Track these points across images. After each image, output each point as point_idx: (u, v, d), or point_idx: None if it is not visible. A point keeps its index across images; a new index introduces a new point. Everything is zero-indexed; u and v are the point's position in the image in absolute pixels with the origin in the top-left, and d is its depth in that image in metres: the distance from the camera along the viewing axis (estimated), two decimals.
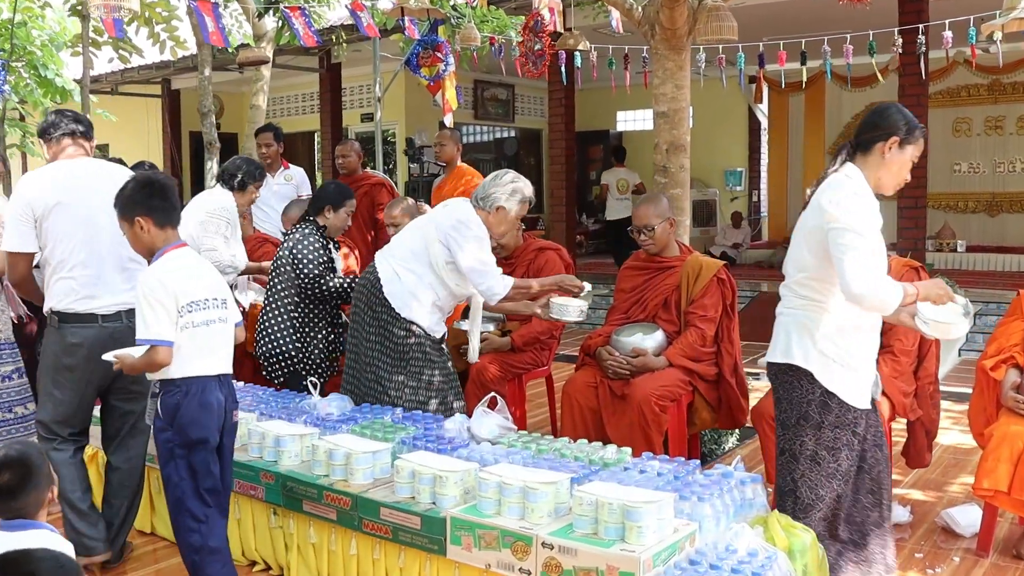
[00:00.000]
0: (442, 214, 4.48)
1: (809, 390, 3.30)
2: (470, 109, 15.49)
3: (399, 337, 4.41)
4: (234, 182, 5.48)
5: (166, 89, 16.38)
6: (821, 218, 3.17)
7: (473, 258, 4.32)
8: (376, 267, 4.52)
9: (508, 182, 4.49)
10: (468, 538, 3.12)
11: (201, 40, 8.70)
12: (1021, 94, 12.86)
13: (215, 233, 5.31)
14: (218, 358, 3.37)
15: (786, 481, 3.40)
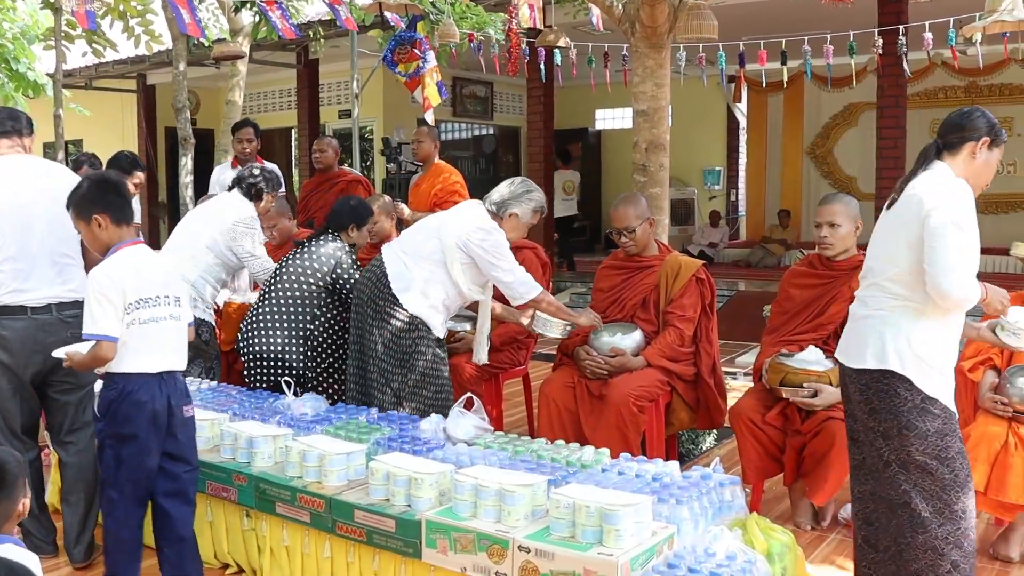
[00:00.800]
0: (460, 219, 4.45)
1: (908, 397, 3.08)
2: (448, 106, 15.43)
3: (403, 332, 4.38)
4: (252, 191, 5.37)
5: (141, 84, 16.23)
6: (920, 210, 3.03)
7: (498, 259, 4.35)
8: (384, 261, 4.48)
9: (524, 190, 4.52)
10: (443, 541, 3.08)
11: (176, 34, 8.62)
12: (998, 96, 12.93)
13: (255, 242, 5.25)
14: (163, 356, 3.36)
15: (898, 493, 3.13)
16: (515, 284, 4.39)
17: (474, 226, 4.36)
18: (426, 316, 4.40)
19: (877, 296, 3.18)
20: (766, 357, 4.41)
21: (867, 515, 3.26)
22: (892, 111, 9.86)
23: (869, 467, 3.23)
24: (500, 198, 4.50)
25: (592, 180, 17.07)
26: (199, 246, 5.19)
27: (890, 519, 3.17)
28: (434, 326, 4.43)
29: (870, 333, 3.15)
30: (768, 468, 4.32)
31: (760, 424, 4.25)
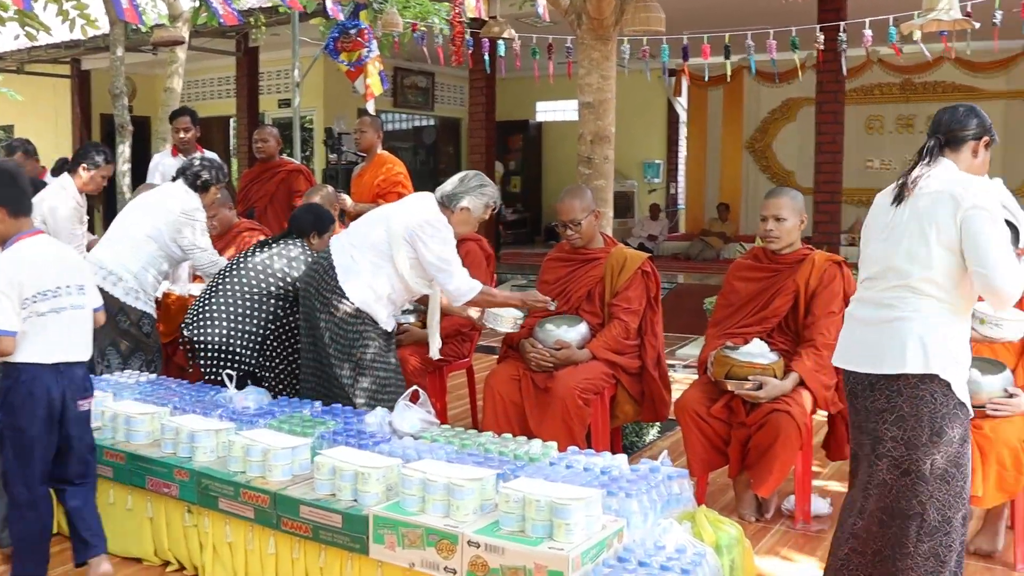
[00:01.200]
0: (407, 211, 4.37)
1: (943, 402, 2.98)
2: (389, 97, 15.30)
3: (350, 326, 4.33)
4: (198, 182, 5.27)
5: (75, 69, 15.86)
6: (954, 210, 2.94)
7: (440, 259, 4.27)
8: (331, 253, 4.42)
9: (477, 185, 4.43)
10: (391, 536, 3.04)
11: (114, 18, 8.43)
12: (931, 93, 13.18)
13: (201, 234, 5.19)
14: (60, 347, 3.38)
15: (911, 504, 3.02)
16: (453, 287, 4.33)
17: (422, 219, 4.29)
18: (372, 309, 4.34)
19: (908, 298, 3.01)
20: (711, 350, 4.43)
21: (856, 530, 3.16)
22: (831, 107, 9.99)
23: (864, 482, 3.13)
24: (452, 190, 4.41)
25: (532, 173, 17.09)
26: (140, 236, 5.11)
27: (887, 528, 3.08)
28: (380, 319, 4.38)
29: (908, 336, 2.98)
30: (713, 460, 4.34)
31: (705, 417, 4.28)
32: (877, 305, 3.09)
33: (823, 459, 4.86)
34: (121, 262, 5.05)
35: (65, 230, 5.60)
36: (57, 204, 5.67)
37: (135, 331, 5.07)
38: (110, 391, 4.39)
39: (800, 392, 4.20)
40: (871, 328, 3.09)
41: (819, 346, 4.28)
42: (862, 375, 3.10)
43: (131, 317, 5.04)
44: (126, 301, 5.01)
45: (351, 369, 4.34)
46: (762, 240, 4.48)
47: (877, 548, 3.13)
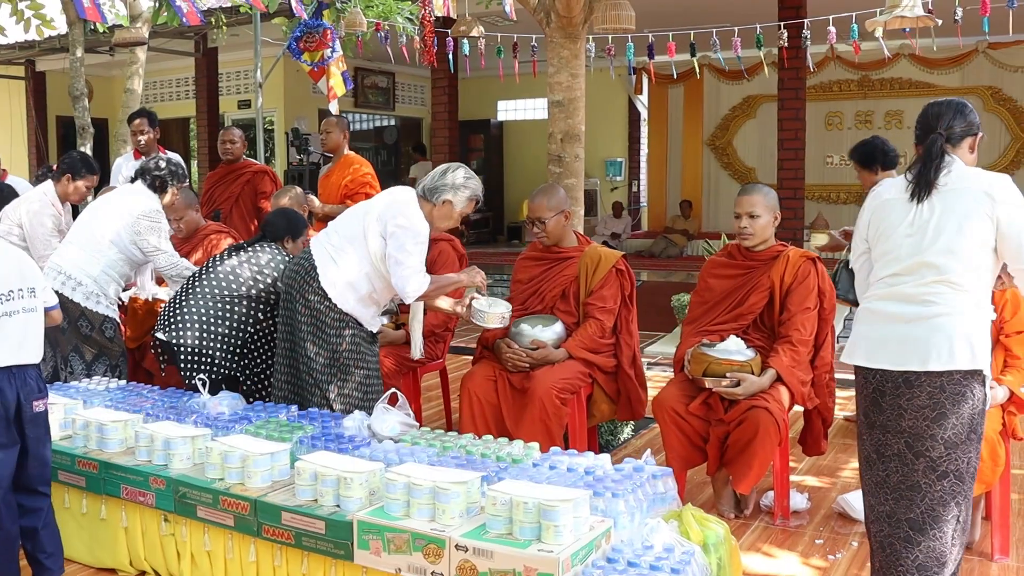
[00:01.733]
0: (385, 206, 4.27)
1: (980, 398, 2.99)
2: (350, 97, 15.21)
3: (333, 330, 4.26)
4: (156, 183, 5.21)
5: (30, 71, 15.59)
6: (990, 208, 2.94)
7: (400, 251, 4.16)
8: (312, 253, 4.33)
9: (460, 178, 4.33)
10: (376, 542, 3.01)
11: (73, 18, 8.28)
12: (888, 90, 13.33)
13: (160, 236, 5.10)
14: (10, 350, 3.36)
15: (950, 508, 3.01)
16: (399, 281, 4.20)
17: (396, 212, 4.22)
18: (354, 310, 4.29)
19: (946, 293, 2.97)
20: (687, 347, 4.43)
21: (882, 539, 3.11)
22: (792, 103, 10.06)
23: (896, 484, 3.07)
24: (433, 183, 4.32)
25: (494, 172, 17.04)
26: (100, 240, 5.03)
27: (916, 542, 3.04)
28: (364, 320, 4.34)
29: (954, 332, 2.95)
30: (692, 458, 4.34)
31: (683, 414, 4.27)
32: (912, 301, 3.02)
33: (799, 455, 4.88)
34: (80, 266, 4.98)
35: (40, 237, 5.52)
36: (36, 211, 5.58)
37: (98, 336, 4.99)
38: (80, 398, 4.31)
39: (778, 388, 4.21)
40: (909, 325, 3.01)
41: (795, 342, 4.29)
42: (895, 373, 3.03)
43: (92, 322, 4.97)
44: (87, 306, 4.93)
45: (331, 373, 4.28)
46: (737, 237, 4.49)
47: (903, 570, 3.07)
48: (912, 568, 3.04)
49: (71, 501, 3.90)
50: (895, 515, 3.07)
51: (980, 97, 12.84)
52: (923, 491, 3.02)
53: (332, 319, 4.26)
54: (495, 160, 17.11)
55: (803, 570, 3.82)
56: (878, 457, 3.13)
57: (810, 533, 4.20)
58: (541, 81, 5.88)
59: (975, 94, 12.80)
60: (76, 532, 3.90)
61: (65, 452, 3.87)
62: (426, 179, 4.37)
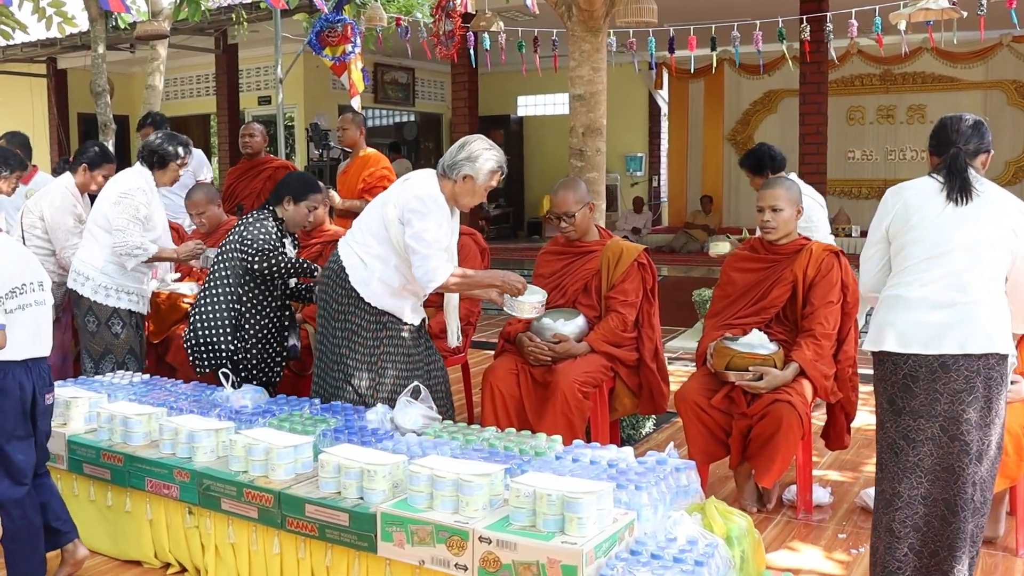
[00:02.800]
0: (401, 190, 4.14)
1: (1006, 383, 3.13)
2: (370, 93, 15.24)
3: (369, 331, 4.15)
4: (153, 159, 5.10)
5: (52, 69, 15.70)
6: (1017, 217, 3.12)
7: (417, 236, 3.98)
8: (340, 255, 4.22)
9: (479, 149, 4.12)
10: (400, 534, 3.01)
11: (94, 15, 8.32)
12: (911, 84, 13.24)
13: (126, 215, 4.92)
14: (28, 343, 3.40)
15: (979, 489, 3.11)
16: (420, 270, 4.01)
17: (411, 195, 4.06)
18: (391, 307, 4.16)
19: (981, 279, 3.09)
20: (710, 341, 4.42)
21: (916, 521, 3.14)
22: (814, 97, 10.02)
23: (930, 467, 3.11)
24: (452, 159, 4.12)
25: (515, 168, 17.03)
26: (96, 229, 5.01)
27: (950, 522, 3.10)
28: (404, 315, 4.19)
29: (989, 317, 3.07)
30: (714, 451, 4.33)
31: (706, 408, 4.26)
32: (951, 288, 3.10)
33: (821, 449, 4.86)
34: (84, 259, 4.98)
35: (62, 229, 5.39)
36: (58, 204, 5.46)
37: (105, 332, 4.97)
38: (104, 392, 4.33)
39: (801, 382, 4.20)
40: (943, 310, 3.09)
41: (818, 336, 4.27)
42: (930, 357, 3.08)
43: (99, 317, 4.95)
44: (94, 299, 4.92)
45: (371, 375, 4.18)
46: (760, 231, 4.47)
47: (934, 549, 3.12)
48: (945, 546, 3.11)
49: (96, 494, 3.93)
50: (931, 495, 3.12)
51: (1004, 91, 12.75)
52: (957, 473, 3.08)
53: (367, 319, 4.16)
54: (515, 156, 17.09)
55: (826, 564, 3.80)
56: (907, 443, 3.14)
57: (833, 527, 4.18)
58: (561, 76, 5.88)
59: (999, 88, 12.72)
60: (101, 524, 3.93)
61: (90, 445, 3.90)
62: (445, 156, 4.18)
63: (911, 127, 13.34)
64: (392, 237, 4.09)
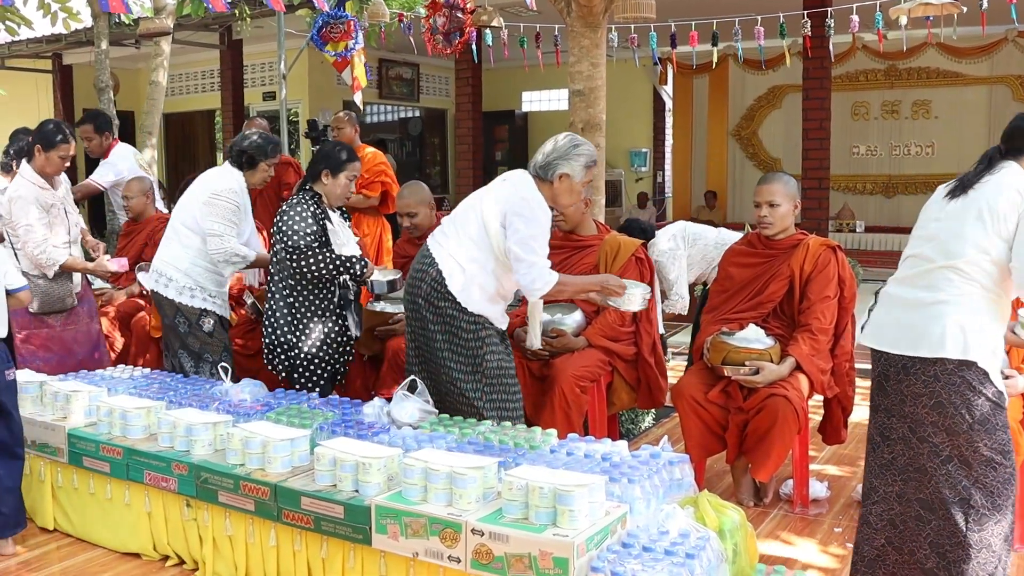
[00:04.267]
0: (502, 191, 3.99)
1: (981, 390, 2.93)
2: (374, 88, 15.27)
3: (470, 334, 4.00)
4: (243, 159, 4.88)
5: (57, 64, 15.73)
6: (1019, 201, 2.91)
7: (522, 243, 3.84)
8: (435, 259, 4.03)
9: (570, 145, 3.98)
10: (394, 526, 3.03)
11: (98, 11, 8.34)
12: (916, 79, 13.24)
13: (221, 218, 4.75)
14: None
15: (955, 491, 2.98)
16: (528, 277, 3.89)
17: (516, 196, 3.92)
18: (486, 311, 4.01)
19: (953, 280, 2.96)
20: (707, 336, 4.43)
21: (892, 517, 3.12)
22: (817, 93, 10.02)
23: (903, 466, 3.07)
24: (545, 159, 3.97)
25: (519, 163, 16.95)
26: (181, 229, 4.87)
27: (927, 520, 3.04)
28: (495, 319, 4.07)
29: (948, 320, 2.93)
30: (711, 446, 4.35)
31: (703, 402, 4.28)
32: (918, 286, 3.03)
33: (819, 443, 4.87)
34: (168, 261, 4.84)
35: (22, 220, 4.94)
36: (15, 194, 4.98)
37: (198, 332, 4.85)
38: (104, 386, 4.36)
39: (797, 376, 4.21)
40: (910, 310, 3.02)
41: (815, 331, 4.28)
42: (896, 356, 3.04)
43: (189, 318, 4.83)
44: (181, 301, 4.79)
45: (475, 380, 4.03)
46: (757, 226, 4.48)
47: (912, 547, 3.08)
48: (925, 544, 3.06)
49: (96, 487, 3.96)
50: (905, 495, 3.08)
51: (1009, 86, 12.74)
52: (929, 473, 3.02)
53: (466, 324, 3.99)
54: (520, 151, 17.09)
55: (821, 558, 3.81)
56: (883, 440, 3.13)
57: (829, 521, 4.20)
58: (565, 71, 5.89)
59: (1004, 83, 12.71)
60: (101, 517, 3.96)
61: (89, 438, 3.93)
62: (536, 157, 4.03)
63: (916, 122, 13.34)
64: (492, 242, 3.94)
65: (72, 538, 4.05)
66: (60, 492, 4.10)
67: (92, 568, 3.77)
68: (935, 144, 13.23)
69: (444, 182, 17.18)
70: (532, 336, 4.46)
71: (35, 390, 4.32)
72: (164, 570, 3.75)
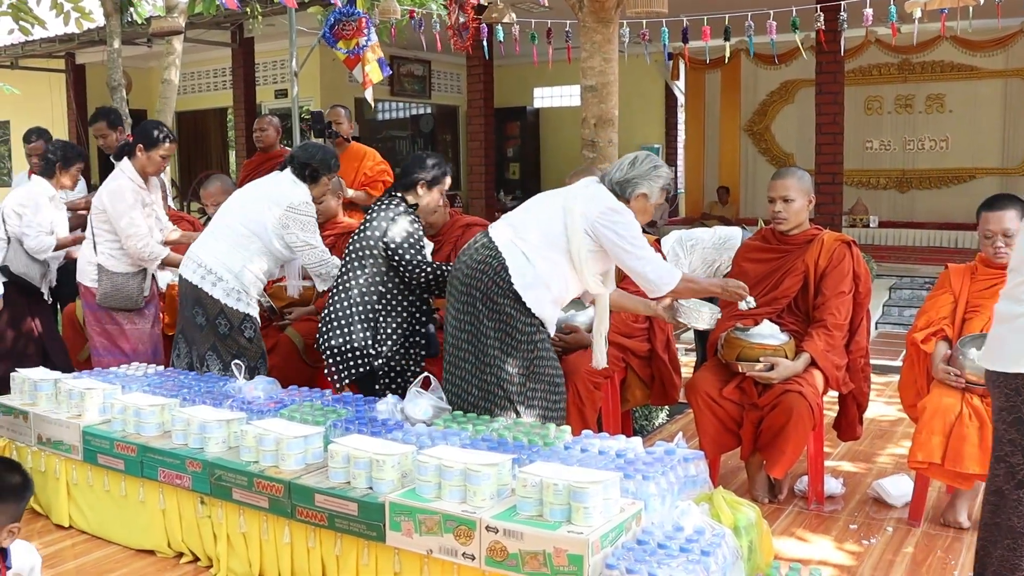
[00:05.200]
0: (586, 198, 3.88)
1: None
2: (386, 85, 15.27)
3: (524, 336, 3.88)
4: (306, 172, 4.78)
5: (70, 64, 15.78)
6: None
7: (632, 245, 3.80)
8: (500, 252, 3.90)
9: (651, 166, 3.93)
10: (408, 523, 3.03)
11: (109, 10, 8.36)
12: (930, 73, 13.15)
13: (309, 230, 4.71)
14: None
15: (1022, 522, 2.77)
16: (651, 273, 3.84)
17: (605, 207, 3.84)
18: (545, 314, 3.91)
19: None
20: (721, 331, 4.41)
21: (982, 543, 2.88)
22: (830, 87, 9.97)
23: (992, 488, 2.84)
24: (623, 177, 3.91)
25: (531, 159, 17.04)
26: (242, 232, 4.71)
27: (995, 548, 2.80)
28: (550, 323, 3.98)
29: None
30: (725, 442, 4.32)
31: (717, 398, 4.26)
32: (1008, 298, 2.83)
33: (834, 440, 4.85)
34: (221, 260, 4.68)
35: (124, 215, 5.02)
36: (115, 188, 5.08)
37: (237, 336, 4.72)
38: (118, 383, 4.36)
39: (812, 372, 4.19)
40: (1001, 324, 2.83)
41: (829, 326, 4.26)
42: (989, 372, 2.86)
43: (232, 321, 4.69)
44: (227, 303, 4.65)
45: (524, 380, 3.92)
46: (771, 221, 4.46)
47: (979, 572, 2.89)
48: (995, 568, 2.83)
49: (111, 484, 3.96)
50: (983, 520, 2.88)
51: None
52: (1003, 497, 2.80)
53: (524, 324, 3.88)
54: (531, 147, 17.10)
55: (837, 555, 3.79)
56: None
57: (844, 518, 4.17)
58: (577, 67, 5.87)
59: (1020, 76, 12.61)
60: (116, 514, 3.97)
61: (104, 436, 3.94)
62: (612, 173, 3.96)
63: (930, 116, 13.26)
64: (573, 247, 3.83)
65: (87, 535, 4.06)
66: (75, 489, 4.11)
67: (107, 565, 3.78)
68: (949, 138, 13.14)
69: (456, 179, 17.17)
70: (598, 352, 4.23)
71: (50, 387, 4.33)
72: (178, 567, 3.76)
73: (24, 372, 4.50)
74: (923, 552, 3.80)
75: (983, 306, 4.10)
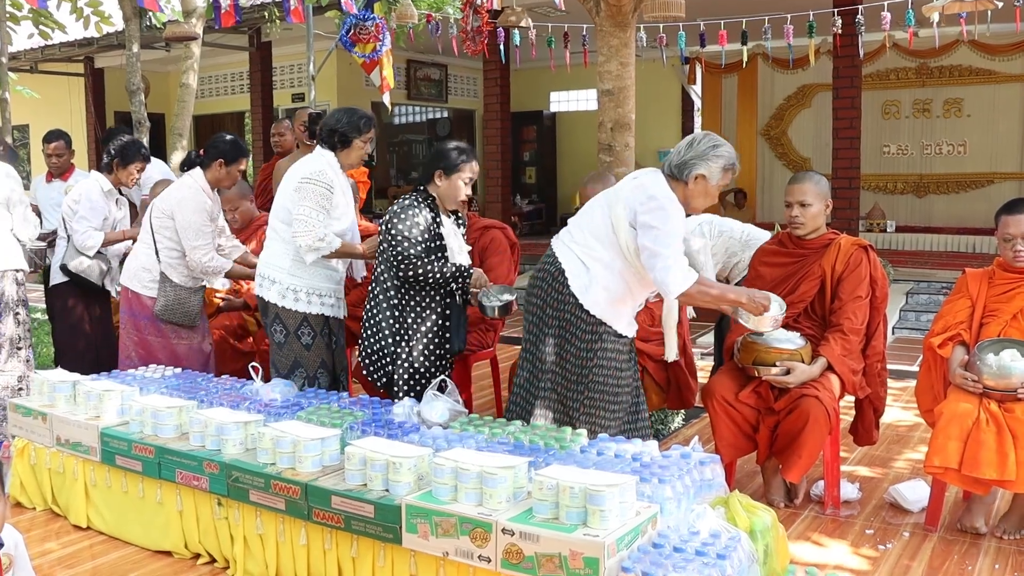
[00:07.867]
0: (631, 191, 3.79)
1: None
2: (403, 89, 15.32)
3: (584, 341, 3.83)
4: (335, 138, 4.50)
5: (89, 68, 15.89)
6: None
7: (655, 240, 3.65)
8: (557, 256, 3.89)
9: (709, 145, 3.79)
10: (424, 526, 3.03)
11: (129, 14, 8.42)
12: (948, 77, 13.11)
13: (308, 203, 4.36)
14: None
15: None
16: (665, 276, 3.66)
17: (646, 195, 3.71)
18: (609, 316, 3.82)
19: None
20: (737, 336, 4.40)
21: None
22: (848, 92, 9.95)
23: None
24: (681, 158, 3.79)
25: (547, 163, 17.04)
26: (277, 224, 4.54)
27: None
28: (620, 326, 3.87)
29: None
30: (742, 446, 4.32)
31: (733, 403, 4.25)
32: None
33: (850, 444, 4.84)
34: (270, 261, 4.54)
35: (193, 226, 4.89)
36: (185, 197, 4.94)
37: (294, 343, 4.53)
38: (136, 385, 4.39)
39: (828, 377, 4.18)
40: None
41: (846, 331, 4.25)
42: None
43: (287, 325, 4.51)
44: (282, 305, 4.48)
45: (581, 388, 3.87)
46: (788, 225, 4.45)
47: None
48: None
49: (128, 485, 3.99)
50: None
51: None
52: None
53: (585, 328, 3.83)
54: (548, 152, 17.10)
55: (853, 559, 3.78)
56: None
57: (860, 523, 4.16)
58: (593, 71, 5.89)
59: None
60: (134, 516, 3.99)
61: (122, 437, 3.96)
62: (671, 155, 3.85)
63: (947, 121, 13.21)
64: (621, 241, 3.77)
65: (105, 536, 4.08)
66: (93, 490, 4.14)
67: (124, 566, 3.80)
68: (967, 143, 13.09)
69: None
70: (669, 348, 4.28)
71: (68, 389, 4.36)
72: (195, 568, 3.77)
73: (43, 374, 4.54)
74: (940, 558, 3.78)
75: (1000, 311, 4.09)
